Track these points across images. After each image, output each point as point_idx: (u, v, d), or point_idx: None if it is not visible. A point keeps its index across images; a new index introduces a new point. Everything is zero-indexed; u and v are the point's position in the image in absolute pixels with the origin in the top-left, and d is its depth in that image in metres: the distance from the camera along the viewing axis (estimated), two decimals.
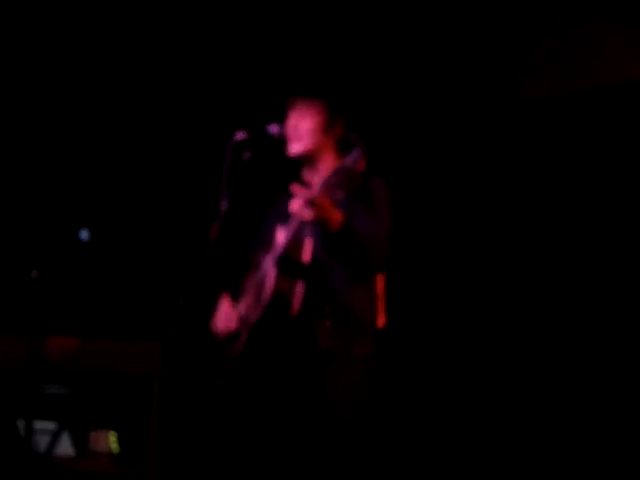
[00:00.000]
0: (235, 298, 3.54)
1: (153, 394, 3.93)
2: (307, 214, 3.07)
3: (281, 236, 3.27)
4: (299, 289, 3.21)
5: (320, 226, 3.12)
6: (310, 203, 3.03)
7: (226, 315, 3.45)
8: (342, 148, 3.50)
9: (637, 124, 4.63)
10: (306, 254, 3.22)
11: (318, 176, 3.45)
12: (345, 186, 2.90)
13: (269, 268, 3.28)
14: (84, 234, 4.21)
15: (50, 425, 4.47)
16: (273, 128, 3.45)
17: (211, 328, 3.53)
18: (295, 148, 3.44)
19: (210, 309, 3.62)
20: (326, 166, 3.46)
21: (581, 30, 4.85)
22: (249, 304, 3.45)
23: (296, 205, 3.09)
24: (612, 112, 4.70)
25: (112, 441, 4.54)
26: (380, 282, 3.42)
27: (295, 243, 3.19)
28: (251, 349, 3.33)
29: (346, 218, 3.12)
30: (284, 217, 3.44)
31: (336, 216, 3.10)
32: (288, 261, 3.20)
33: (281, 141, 3.46)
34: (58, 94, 5.44)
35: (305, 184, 3.48)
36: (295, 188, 3.10)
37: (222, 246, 3.43)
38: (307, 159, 3.49)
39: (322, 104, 3.44)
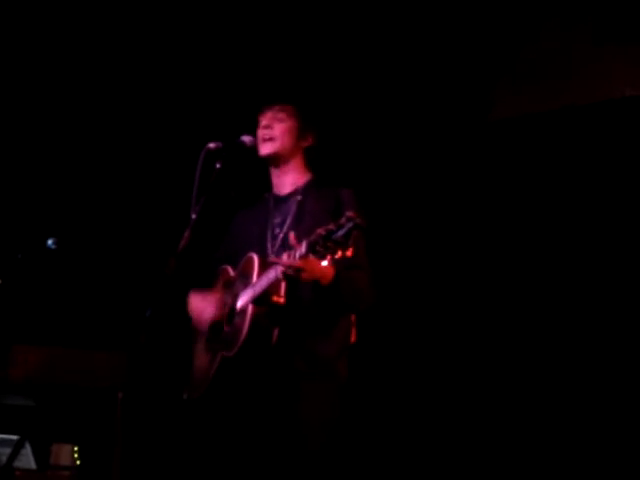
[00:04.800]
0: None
1: (117, 406, 3.86)
2: (293, 275, 3.06)
3: (260, 274, 3.23)
4: (276, 327, 3.21)
5: (312, 282, 3.13)
6: (296, 271, 3.02)
7: (204, 307, 3.43)
8: (310, 164, 3.52)
9: (608, 143, 4.67)
10: (282, 294, 3.19)
11: (286, 185, 3.50)
12: (332, 253, 2.87)
13: (245, 300, 3.26)
14: (51, 242, 4.14)
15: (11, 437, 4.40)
16: (245, 138, 3.45)
17: (194, 326, 3.50)
18: (267, 148, 3.44)
19: (177, 320, 3.58)
20: (293, 176, 3.49)
21: (557, 49, 4.89)
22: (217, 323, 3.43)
23: (282, 267, 3.05)
24: (582, 131, 4.74)
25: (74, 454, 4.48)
26: None
27: (274, 284, 3.17)
28: (225, 378, 3.32)
29: (337, 273, 3.12)
30: (254, 236, 3.44)
31: (324, 273, 3.11)
32: (266, 299, 3.19)
33: (253, 151, 3.46)
34: (27, 105, 5.40)
35: (277, 197, 3.48)
36: (279, 259, 3.07)
37: (191, 256, 3.40)
38: (276, 163, 3.49)
39: (295, 110, 3.47)
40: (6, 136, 5.41)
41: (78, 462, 4.46)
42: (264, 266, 3.23)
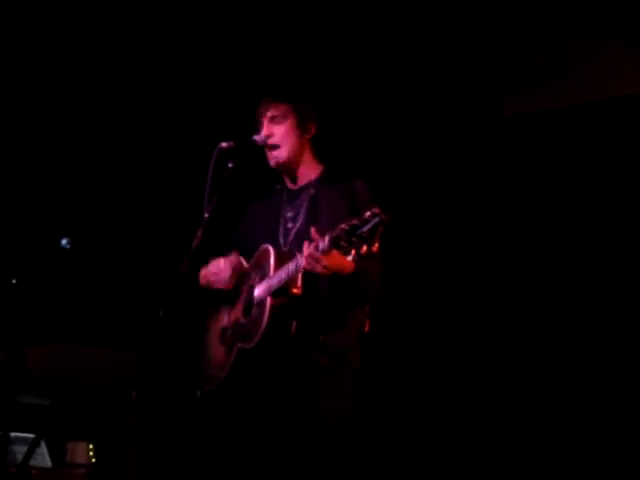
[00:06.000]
0: (217, 302, 3.55)
1: (132, 404, 3.88)
2: (316, 269, 3.06)
3: (277, 266, 3.24)
4: (294, 319, 3.22)
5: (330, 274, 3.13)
6: (317, 261, 3.02)
7: (218, 266, 3.45)
8: (319, 152, 3.52)
9: (616, 140, 4.67)
10: (300, 286, 3.21)
11: (298, 178, 3.49)
12: (357, 248, 2.87)
13: (263, 293, 3.27)
14: (65, 242, 4.16)
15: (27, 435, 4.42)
16: (257, 137, 3.45)
17: (203, 278, 3.51)
18: (276, 159, 3.44)
19: (190, 319, 3.60)
20: (305, 170, 3.48)
21: (564, 47, 4.89)
22: (234, 315, 3.44)
23: (307, 261, 3.05)
24: (591, 128, 4.74)
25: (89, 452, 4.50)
26: None
27: (291, 278, 3.18)
28: (242, 369, 3.33)
29: (356, 266, 3.13)
30: (267, 228, 3.44)
31: (346, 267, 3.12)
32: (284, 292, 3.20)
33: (265, 150, 3.46)
34: (39, 105, 5.42)
35: (289, 191, 3.49)
36: (306, 250, 3.07)
37: (204, 255, 3.42)
38: (287, 166, 3.48)
39: (290, 107, 3.44)
40: (20, 137, 5.43)
41: (93, 460, 4.48)
42: (280, 258, 3.24)
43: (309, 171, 3.48)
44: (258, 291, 3.30)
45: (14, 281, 4.25)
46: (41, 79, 5.39)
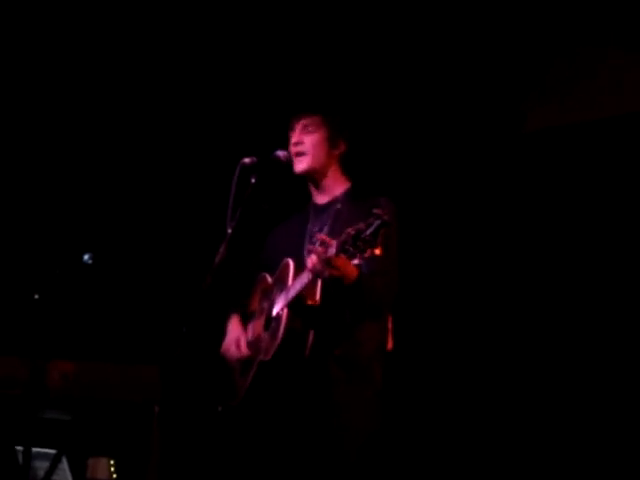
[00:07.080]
0: (241, 320, 3.55)
1: (153, 420, 3.89)
2: (324, 273, 3.06)
3: (294, 278, 3.25)
4: (311, 330, 3.22)
5: (335, 280, 3.11)
6: (327, 263, 3.02)
7: (237, 340, 3.48)
8: (347, 170, 3.51)
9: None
10: (318, 297, 3.20)
11: (324, 194, 3.49)
12: (362, 252, 2.87)
13: (280, 305, 3.27)
14: (87, 257, 4.18)
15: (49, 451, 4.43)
16: (280, 153, 3.45)
17: (221, 352, 3.52)
18: (300, 165, 3.43)
19: (213, 335, 3.60)
20: (331, 186, 3.48)
21: (589, 61, 4.86)
22: (256, 331, 3.44)
23: (313, 262, 3.06)
24: (615, 143, 4.71)
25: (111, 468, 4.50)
26: None
27: (308, 287, 3.17)
28: (262, 383, 3.33)
29: (360, 273, 3.12)
30: (292, 244, 3.44)
31: (351, 272, 3.10)
32: (300, 303, 3.20)
33: (288, 166, 3.46)
34: (60, 121, 5.46)
35: (314, 206, 3.49)
36: (314, 248, 3.08)
37: (227, 271, 3.42)
38: (313, 177, 3.48)
39: (324, 119, 3.45)
40: (44, 153, 5.47)
41: (115, 476, 4.48)
42: (299, 270, 3.24)
43: (336, 187, 3.49)
44: (277, 304, 3.31)
45: (37, 296, 4.26)
46: (66, 95, 5.43)
